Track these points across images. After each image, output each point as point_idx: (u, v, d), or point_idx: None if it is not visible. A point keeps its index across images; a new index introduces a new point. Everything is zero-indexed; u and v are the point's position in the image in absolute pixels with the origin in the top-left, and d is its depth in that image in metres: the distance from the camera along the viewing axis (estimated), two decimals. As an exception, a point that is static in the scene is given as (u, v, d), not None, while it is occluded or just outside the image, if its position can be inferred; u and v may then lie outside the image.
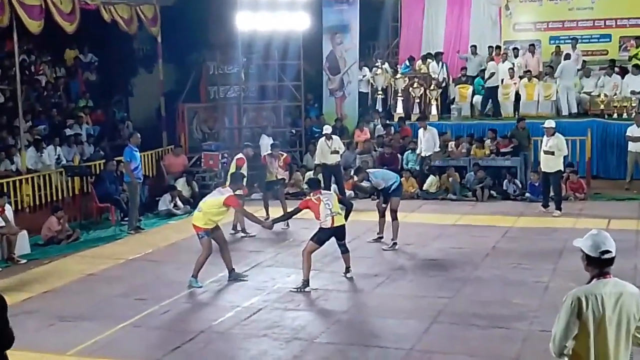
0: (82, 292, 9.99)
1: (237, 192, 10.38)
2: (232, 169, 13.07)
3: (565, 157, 14.82)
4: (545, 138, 14.35)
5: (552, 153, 14.05)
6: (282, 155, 14.35)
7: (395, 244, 11.85)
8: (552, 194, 14.56)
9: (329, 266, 10.82)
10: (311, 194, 10.02)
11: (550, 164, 14.17)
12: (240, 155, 13.58)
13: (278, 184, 14.29)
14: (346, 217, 10.14)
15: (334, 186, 15.15)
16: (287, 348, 7.66)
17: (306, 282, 9.63)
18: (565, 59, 18.91)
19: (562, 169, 14.66)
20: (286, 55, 19.50)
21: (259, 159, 14.44)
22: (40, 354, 7.65)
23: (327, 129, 15.77)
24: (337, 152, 15.60)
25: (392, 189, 11.90)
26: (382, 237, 12.24)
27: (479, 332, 7.98)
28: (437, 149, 16.96)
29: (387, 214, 12.11)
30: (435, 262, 11.02)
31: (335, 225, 9.78)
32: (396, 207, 11.92)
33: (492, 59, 19.97)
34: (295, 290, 9.59)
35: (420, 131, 17.00)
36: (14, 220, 12.30)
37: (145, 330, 8.40)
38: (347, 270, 10.19)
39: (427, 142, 16.83)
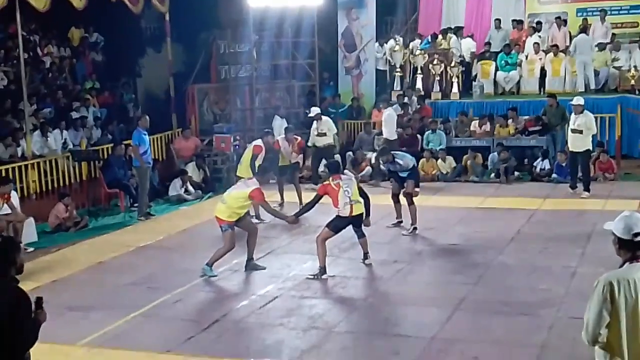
0: (91, 281, 10.08)
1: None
2: (247, 157, 12.98)
3: (594, 136, 14.72)
4: (573, 116, 14.24)
5: (581, 132, 13.94)
6: (297, 139, 14.34)
7: (415, 228, 11.85)
8: (580, 174, 14.48)
9: (347, 252, 10.84)
10: (330, 179, 9.93)
11: (578, 143, 14.07)
12: (258, 142, 13.41)
13: (292, 168, 14.30)
14: (367, 211, 10.03)
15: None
16: (304, 337, 7.70)
17: (323, 269, 9.66)
18: (580, 33, 18.71)
19: (591, 149, 14.56)
20: (300, 33, 19.47)
21: (272, 143, 14.39)
22: (49, 345, 7.69)
23: (314, 111, 15.81)
24: (325, 135, 15.63)
25: (408, 172, 11.89)
26: (401, 222, 12.24)
27: (504, 319, 7.98)
28: (396, 136, 16.77)
29: (402, 198, 12.07)
30: (457, 248, 11.02)
31: (353, 214, 9.75)
32: (412, 191, 11.90)
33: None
34: (312, 277, 9.63)
35: (380, 112, 16.77)
36: (20, 208, 12.39)
37: (157, 320, 8.47)
38: (365, 256, 10.19)
39: (386, 125, 16.52)
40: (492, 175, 16.22)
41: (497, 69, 19.64)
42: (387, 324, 8.04)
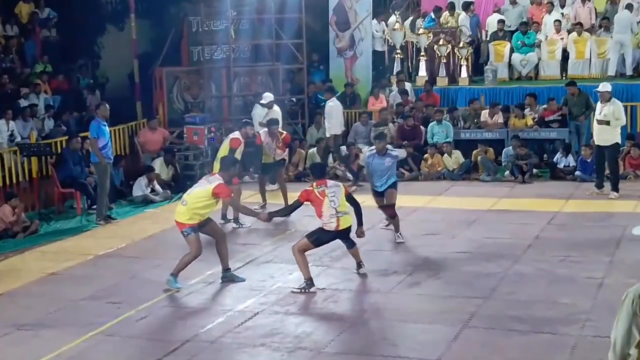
0: (43, 295, 10.04)
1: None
2: (224, 151, 12.89)
3: (623, 128, 14.79)
4: (599, 105, 14.29)
5: (608, 123, 14.00)
6: (282, 133, 14.32)
7: (399, 236, 11.80)
8: (607, 172, 14.55)
9: (339, 261, 10.86)
10: (314, 184, 9.81)
11: (605, 136, 14.13)
12: (236, 134, 13.40)
13: (277, 166, 14.31)
14: (359, 220, 9.97)
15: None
16: (290, 359, 7.71)
17: (309, 282, 9.65)
18: (626, 8, 18.77)
19: (620, 142, 14.63)
20: (284, 8, 19.47)
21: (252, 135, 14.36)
22: (-6, 368, 7.72)
23: (267, 97, 15.86)
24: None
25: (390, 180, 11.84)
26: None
27: (520, 338, 8.01)
28: (342, 129, 16.74)
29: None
30: (466, 256, 11.05)
31: (340, 228, 9.67)
32: (393, 201, 11.87)
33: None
34: (298, 290, 9.63)
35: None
36: (-40, 210, 12.37)
37: (120, 339, 8.45)
38: (359, 265, 10.20)
39: (331, 118, 16.63)
40: (507, 172, 16.28)
41: (512, 51, 19.71)
42: (384, 344, 8.05)
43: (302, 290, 9.61)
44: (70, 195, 14.99)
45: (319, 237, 9.76)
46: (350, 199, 9.91)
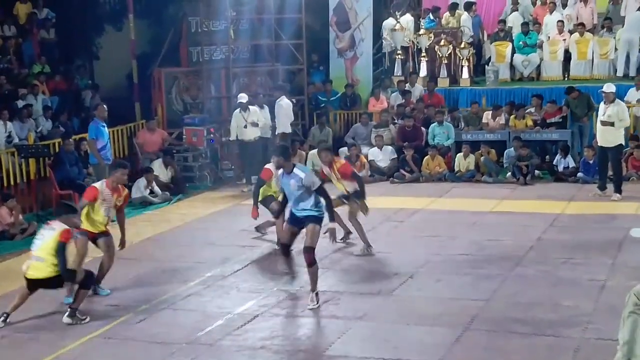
0: (40, 298, 9.99)
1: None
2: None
3: (627, 129, 14.79)
4: (602, 105, 14.29)
5: (612, 124, 14.00)
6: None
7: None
8: (610, 173, 14.55)
9: (340, 263, 10.87)
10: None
11: (608, 137, 14.14)
12: (269, 165, 11.61)
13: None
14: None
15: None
16: (290, 362, 7.72)
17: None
18: (637, 10, 18.76)
19: (623, 143, 14.63)
20: (284, 8, 19.49)
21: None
22: (-8, 371, 7.73)
23: (242, 98, 15.95)
24: (257, 125, 15.73)
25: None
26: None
27: (522, 341, 8.00)
28: (288, 130, 16.82)
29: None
30: (467, 258, 11.05)
31: (27, 276, 8.91)
32: (311, 243, 9.75)
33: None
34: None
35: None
36: (-43, 212, 12.37)
37: (118, 342, 8.44)
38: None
39: (280, 116, 16.63)
40: (508, 174, 16.28)
41: (514, 51, 19.72)
42: (386, 346, 8.04)
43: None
44: (68, 197, 14.96)
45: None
46: (60, 249, 8.84)
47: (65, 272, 8.86)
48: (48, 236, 8.88)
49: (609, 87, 14.30)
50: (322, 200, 9.33)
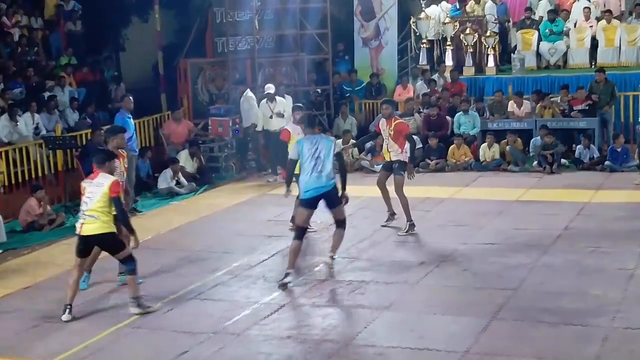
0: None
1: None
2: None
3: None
4: None
5: None
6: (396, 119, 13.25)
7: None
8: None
9: (366, 252, 10.88)
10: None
11: None
12: (289, 125, 12.33)
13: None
14: (130, 231, 8.94)
15: None
16: (316, 352, 7.72)
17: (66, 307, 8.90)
18: None
19: None
20: (309, -3, 19.48)
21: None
22: (22, 361, 7.81)
23: (269, 89, 15.90)
24: (282, 116, 15.71)
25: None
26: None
27: (549, 330, 7.97)
28: (255, 123, 16.74)
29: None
30: (494, 247, 11.01)
31: (82, 233, 8.75)
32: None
33: None
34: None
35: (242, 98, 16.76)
36: (-13, 203, 12.49)
37: (147, 331, 8.50)
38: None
39: (243, 110, 16.61)
40: (534, 163, 16.19)
41: (540, 39, 19.59)
42: (412, 336, 8.04)
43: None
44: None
45: (76, 244, 8.96)
46: (116, 204, 8.71)
47: (126, 222, 8.90)
48: (98, 193, 8.68)
49: None
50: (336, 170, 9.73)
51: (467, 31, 19.31)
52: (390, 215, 12.18)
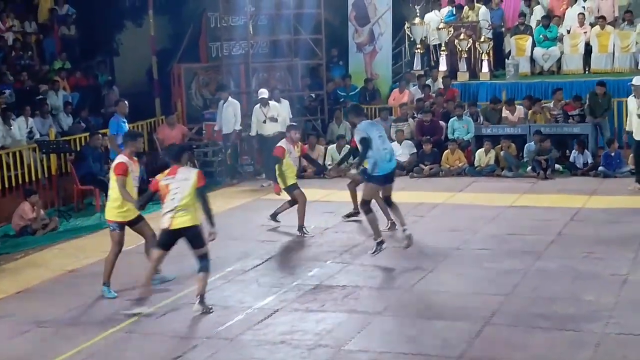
0: (63, 292, 10.11)
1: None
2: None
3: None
4: (633, 99, 14.18)
5: None
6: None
7: (379, 243, 10.99)
8: (632, 167, 14.47)
9: (360, 258, 10.86)
10: (165, 172, 9.25)
11: None
12: (282, 142, 12.50)
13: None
14: (210, 221, 9.10)
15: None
16: (310, 357, 7.71)
17: (141, 302, 9.07)
18: None
19: None
20: (303, 3, 19.50)
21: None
22: (15, 365, 7.78)
23: (263, 94, 15.91)
24: (276, 120, 15.71)
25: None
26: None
27: (543, 335, 7.97)
28: (238, 127, 16.74)
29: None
30: (488, 252, 11.02)
31: (172, 227, 9.01)
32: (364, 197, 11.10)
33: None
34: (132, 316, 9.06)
35: (220, 103, 16.71)
36: (-20, 207, 12.46)
37: (140, 336, 8.48)
38: (200, 300, 9.03)
39: (227, 116, 16.56)
40: (528, 168, 16.21)
41: (534, 45, 19.63)
42: (406, 340, 8.03)
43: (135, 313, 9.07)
44: (90, 192, 15.07)
45: (160, 237, 9.32)
46: (201, 194, 9.04)
47: (210, 211, 9.09)
48: (186, 186, 8.92)
49: (638, 80, 14.17)
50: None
51: (462, 37, 19.34)
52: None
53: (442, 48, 19.65)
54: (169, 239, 9.10)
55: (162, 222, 9.07)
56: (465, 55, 19.40)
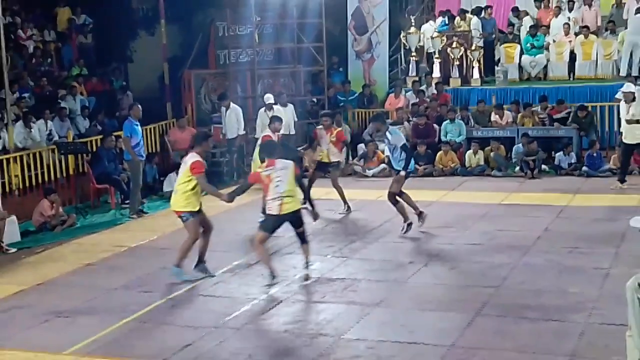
0: (80, 284, 10.11)
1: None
2: (258, 149, 12.79)
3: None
4: (623, 105, 14.15)
5: (637, 121, 13.85)
6: (336, 129, 13.63)
7: (409, 224, 11.70)
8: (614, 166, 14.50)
9: (358, 252, 10.86)
10: (263, 165, 9.55)
11: (637, 133, 13.95)
12: (267, 131, 13.28)
13: (330, 167, 13.42)
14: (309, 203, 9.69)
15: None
16: (312, 345, 7.70)
17: (272, 274, 9.41)
18: (637, 13, 18.56)
19: None
20: (305, 13, 19.47)
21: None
22: (34, 353, 7.77)
23: (268, 99, 15.85)
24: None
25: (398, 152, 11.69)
26: (410, 223, 11.86)
27: (530, 325, 7.97)
28: (242, 132, 16.73)
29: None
30: (478, 247, 11.01)
31: (283, 212, 9.29)
32: (394, 189, 11.70)
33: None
34: (268, 287, 9.38)
35: (223, 110, 16.64)
36: (2, 205, 12.45)
37: (152, 326, 8.48)
38: (306, 265, 9.78)
39: (230, 122, 16.52)
40: (517, 168, 16.21)
41: (522, 53, 19.62)
42: (402, 330, 8.03)
43: (270, 286, 9.37)
44: (105, 191, 15.07)
45: (267, 223, 9.56)
46: (298, 181, 9.64)
47: (310, 195, 9.77)
48: (285, 175, 9.31)
49: (628, 87, 14.17)
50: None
51: (454, 45, 19.32)
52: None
53: (436, 56, 19.63)
54: (278, 224, 9.44)
55: (270, 208, 9.37)
56: (457, 63, 19.38)
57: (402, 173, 11.51)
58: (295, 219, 9.45)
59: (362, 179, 16.11)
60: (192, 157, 9.68)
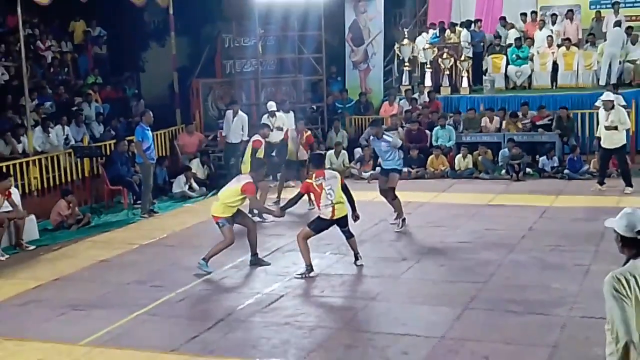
0: (94, 279, 10.09)
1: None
2: (248, 153, 13.07)
3: (627, 130, 14.64)
4: (603, 112, 14.12)
5: (616, 128, 13.84)
6: (307, 132, 14.48)
7: (404, 220, 11.88)
8: (613, 171, 14.70)
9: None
10: (313, 176, 9.77)
11: (614, 139, 13.94)
12: (256, 136, 13.47)
13: (299, 165, 14.26)
14: (353, 207, 9.95)
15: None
16: (311, 337, 7.69)
17: (309, 267, 9.65)
18: (615, 26, 18.58)
19: (626, 143, 14.48)
20: (306, 26, 19.47)
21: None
22: (51, 344, 7.75)
23: (271, 106, 15.83)
24: (281, 130, 15.70)
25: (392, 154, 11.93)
26: (404, 219, 12.07)
27: (515, 318, 7.96)
28: (246, 138, 16.65)
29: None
30: (467, 245, 10.99)
31: (335, 217, 9.64)
32: (392, 184, 11.96)
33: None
34: (300, 276, 9.60)
35: (229, 113, 16.48)
36: (22, 205, 12.42)
37: (161, 318, 8.47)
38: (356, 257, 10.06)
39: (235, 128, 16.35)
40: (503, 171, 16.19)
41: (508, 63, 19.61)
42: (395, 322, 8.02)
43: (304, 276, 9.59)
44: (118, 192, 15.04)
45: (318, 225, 9.75)
46: (344, 188, 9.86)
47: (354, 200, 9.97)
48: (335, 184, 9.64)
49: (608, 96, 14.14)
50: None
51: (444, 56, 19.31)
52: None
53: (428, 66, 19.62)
54: (327, 226, 9.77)
55: (323, 214, 9.64)
56: (448, 72, 19.35)
57: (405, 170, 11.86)
58: (342, 222, 9.79)
59: (358, 181, 16.09)
60: (246, 178, 10.03)
